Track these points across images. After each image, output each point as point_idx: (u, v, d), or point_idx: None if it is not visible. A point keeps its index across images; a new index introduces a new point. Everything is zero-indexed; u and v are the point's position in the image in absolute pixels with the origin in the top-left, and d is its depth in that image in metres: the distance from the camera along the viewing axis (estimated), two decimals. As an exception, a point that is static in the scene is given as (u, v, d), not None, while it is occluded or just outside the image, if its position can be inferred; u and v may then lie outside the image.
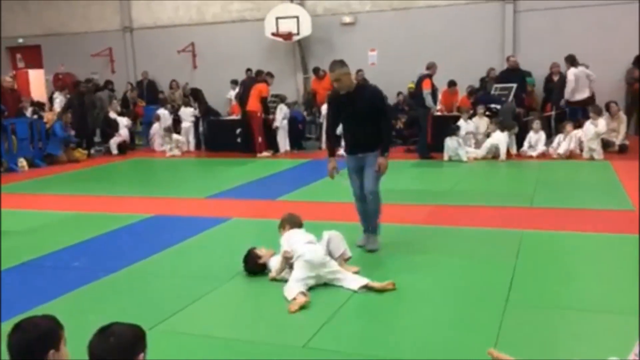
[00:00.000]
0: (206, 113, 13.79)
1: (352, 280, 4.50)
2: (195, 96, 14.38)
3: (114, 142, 13.42)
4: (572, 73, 11.52)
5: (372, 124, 5.25)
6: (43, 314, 2.14)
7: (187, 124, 13.72)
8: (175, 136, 13.19)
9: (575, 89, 11.56)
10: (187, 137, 13.71)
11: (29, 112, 13.05)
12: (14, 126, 11.78)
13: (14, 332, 2.05)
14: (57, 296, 4.60)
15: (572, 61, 11.63)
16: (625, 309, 3.96)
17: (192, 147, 13.75)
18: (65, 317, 2.18)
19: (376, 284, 4.43)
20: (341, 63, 5.08)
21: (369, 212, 5.43)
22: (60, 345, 2.06)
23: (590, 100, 11.61)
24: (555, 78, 12.61)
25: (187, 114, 13.80)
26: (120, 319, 2.16)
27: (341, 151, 6.00)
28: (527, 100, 12.78)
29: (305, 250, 4.55)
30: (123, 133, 13.60)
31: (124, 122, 13.72)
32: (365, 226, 5.55)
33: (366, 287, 4.41)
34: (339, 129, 5.77)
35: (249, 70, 14.41)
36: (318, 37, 14.93)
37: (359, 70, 13.70)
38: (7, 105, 12.01)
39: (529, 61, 12.85)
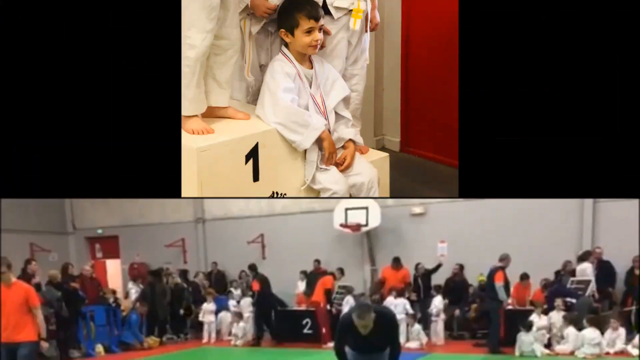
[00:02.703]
0: (260, 302, 13.43)
1: None
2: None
3: (207, 326, 13.52)
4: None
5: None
6: None
7: (245, 314, 13.52)
8: (242, 324, 13.06)
9: None
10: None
11: (111, 300, 13.31)
12: (93, 313, 12.03)
13: None
14: None
15: (585, 258, 12.31)
16: None
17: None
18: None
19: None
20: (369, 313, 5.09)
21: None
22: None
23: None
24: (637, 272, 12.18)
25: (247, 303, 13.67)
26: None
27: None
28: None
29: None
30: (207, 319, 13.53)
31: (210, 308, 13.69)
32: None
33: None
34: None
35: (316, 261, 14.46)
36: (387, 228, 14.93)
37: (418, 264, 13.41)
38: (87, 294, 12.32)
39: (609, 253, 12.47)
